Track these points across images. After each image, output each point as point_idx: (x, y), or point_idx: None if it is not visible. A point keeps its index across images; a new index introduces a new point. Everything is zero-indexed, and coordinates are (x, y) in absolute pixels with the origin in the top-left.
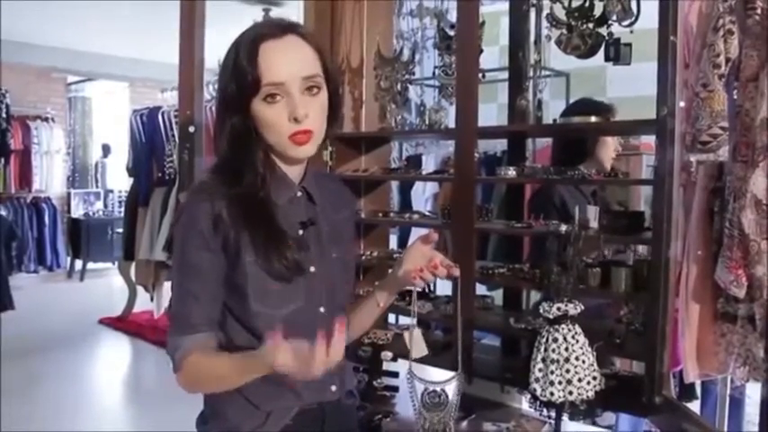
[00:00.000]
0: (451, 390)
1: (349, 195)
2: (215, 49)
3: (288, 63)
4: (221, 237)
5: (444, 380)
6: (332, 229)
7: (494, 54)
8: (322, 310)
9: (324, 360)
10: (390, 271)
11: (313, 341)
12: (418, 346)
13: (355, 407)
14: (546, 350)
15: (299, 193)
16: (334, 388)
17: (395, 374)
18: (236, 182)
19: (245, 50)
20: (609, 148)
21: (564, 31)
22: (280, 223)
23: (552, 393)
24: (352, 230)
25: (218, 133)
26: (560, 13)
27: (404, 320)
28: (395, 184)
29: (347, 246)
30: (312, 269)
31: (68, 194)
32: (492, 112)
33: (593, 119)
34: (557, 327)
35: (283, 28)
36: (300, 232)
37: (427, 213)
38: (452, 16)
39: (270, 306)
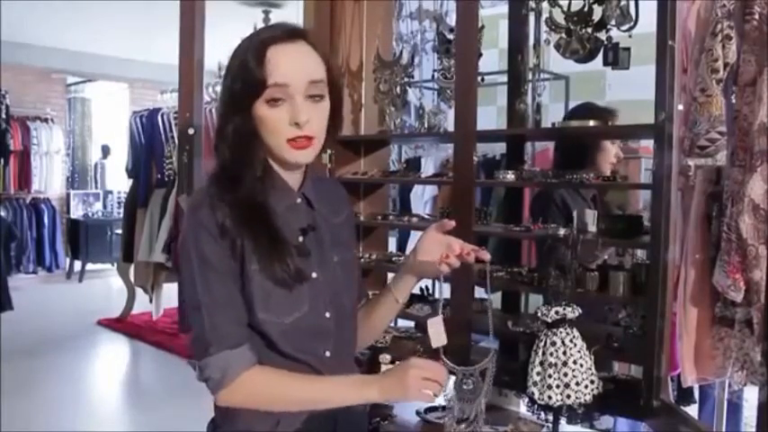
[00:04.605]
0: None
1: (345, 195)
2: (215, 51)
3: (294, 67)
4: (228, 240)
5: (481, 362)
6: (332, 234)
7: (493, 57)
8: (327, 315)
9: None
10: (402, 265)
11: (319, 347)
12: (438, 335)
13: (366, 412)
14: (544, 353)
15: (299, 200)
16: None
17: None
18: (236, 188)
19: (254, 51)
20: (608, 155)
21: (563, 35)
22: (280, 229)
23: (550, 397)
24: (352, 231)
25: (219, 134)
26: (559, 17)
27: (402, 323)
28: (394, 187)
29: (349, 248)
30: (314, 275)
31: (67, 195)
32: (491, 115)
33: (592, 123)
34: (555, 330)
35: (293, 33)
36: (301, 239)
37: (426, 216)
38: (452, 19)
39: (275, 313)
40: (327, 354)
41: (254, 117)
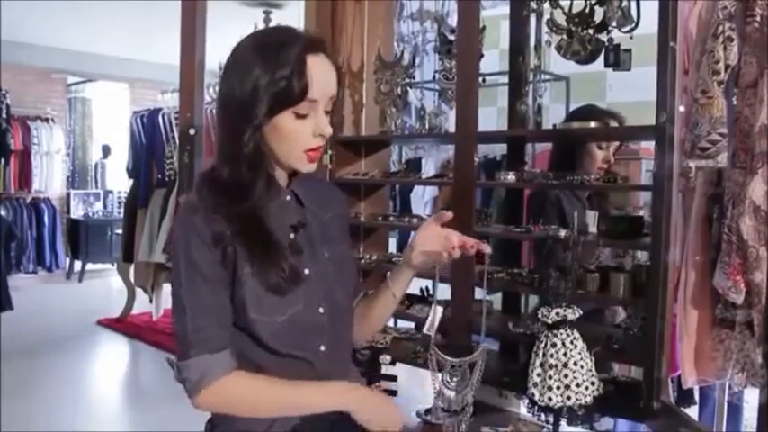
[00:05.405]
0: (475, 366)
1: (338, 194)
2: (215, 51)
3: (325, 82)
4: (220, 249)
5: (470, 355)
6: (322, 230)
7: (494, 58)
8: (321, 310)
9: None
10: (401, 259)
11: (313, 342)
12: (433, 324)
13: None
14: (544, 355)
15: (288, 197)
16: None
17: (393, 378)
18: (230, 193)
19: (292, 59)
20: (595, 160)
21: (564, 36)
22: (273, 232)
23: (550, 398)
24: (344, 227)
25: (227, 137)
26: (561, 18)
27: (402, 324)
28: (394, 188)
29: (340, 244)
30: (306, 271)
31: (68, 195)
32: (492, 115)
33: (593, 124)
34: (555, 332)
35: (320, 45)
36: (292, 236)
37: (426, 217)
38: (453, 20)
39: (269, 313)
40: (323, 348)
41: (270, 123)
